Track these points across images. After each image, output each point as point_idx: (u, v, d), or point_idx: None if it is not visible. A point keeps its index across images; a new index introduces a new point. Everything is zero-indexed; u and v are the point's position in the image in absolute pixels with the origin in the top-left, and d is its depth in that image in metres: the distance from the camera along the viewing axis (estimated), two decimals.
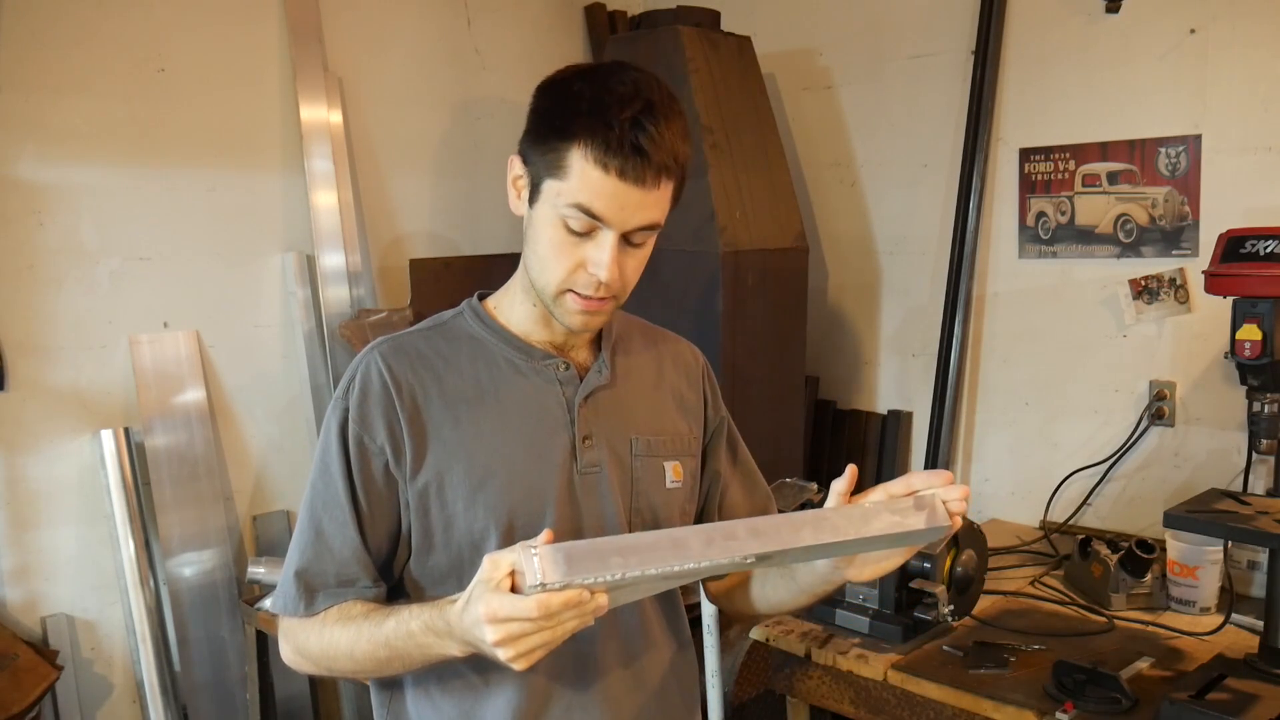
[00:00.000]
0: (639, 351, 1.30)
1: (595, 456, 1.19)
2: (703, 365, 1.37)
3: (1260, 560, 2.08)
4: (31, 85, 2.33)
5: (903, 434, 3.04)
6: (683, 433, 1.28)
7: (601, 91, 1.07)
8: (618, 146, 1.05)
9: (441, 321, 1.25)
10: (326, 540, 1.15)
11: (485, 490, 1.13)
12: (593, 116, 1.06)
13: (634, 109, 1.06)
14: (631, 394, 1.25)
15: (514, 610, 0.92)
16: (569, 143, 1.07)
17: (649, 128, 1.06)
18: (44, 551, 2.40)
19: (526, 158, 1.14)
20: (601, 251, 1.09)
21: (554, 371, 1.20)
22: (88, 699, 2.45)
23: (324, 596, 1.14)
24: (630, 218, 1.09)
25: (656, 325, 1.38)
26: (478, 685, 1.16)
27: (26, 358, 2.36)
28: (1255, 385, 2.06)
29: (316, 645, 1.15)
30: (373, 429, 1.14)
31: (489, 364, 1.19)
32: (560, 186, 1.08)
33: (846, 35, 3.06)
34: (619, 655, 1.20)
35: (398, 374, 1.16)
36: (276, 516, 2.76)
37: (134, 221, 2.50)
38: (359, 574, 1.15)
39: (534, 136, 1.12)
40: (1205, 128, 2.37)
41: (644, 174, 1.06)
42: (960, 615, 1.99)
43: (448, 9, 3.08)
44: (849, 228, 3.13)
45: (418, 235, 3.04)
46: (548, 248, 1.12)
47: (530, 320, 1.21)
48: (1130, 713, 1.64)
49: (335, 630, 1.12)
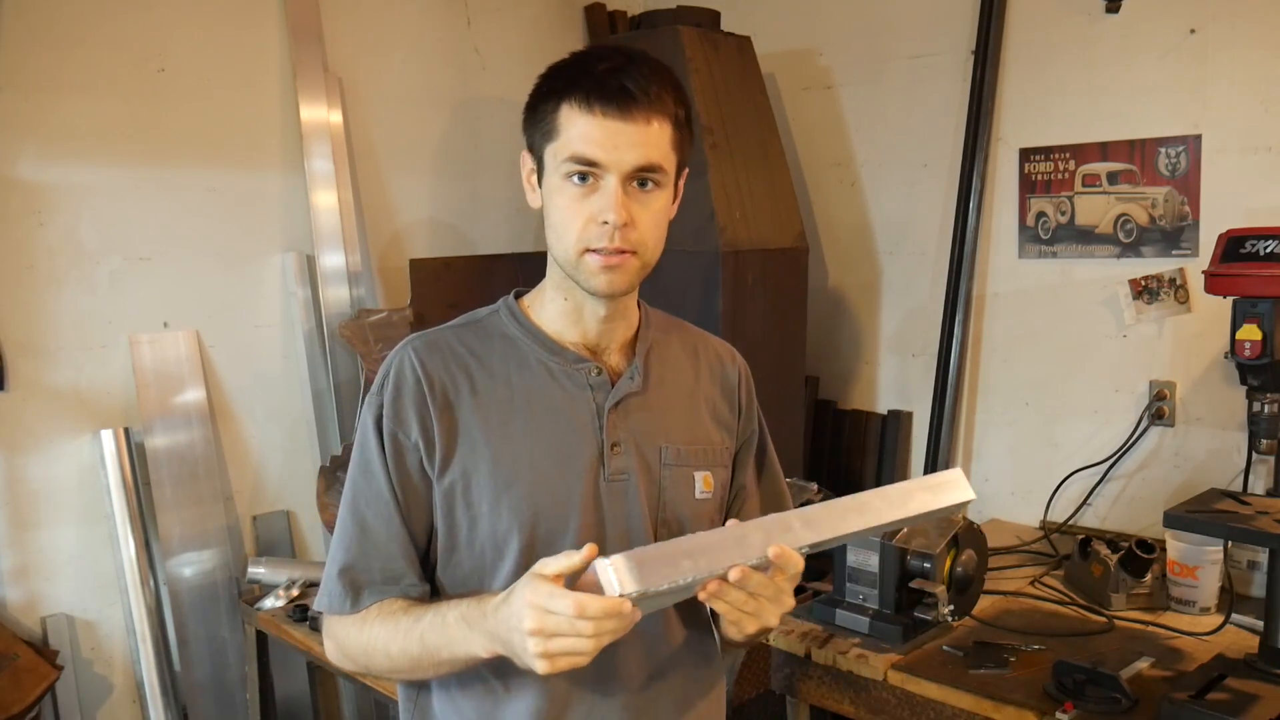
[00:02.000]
0: (676, 356, 1.29)
1: (623, 464, 1.18)
2: (740, 374, 1.34)
3: (1260, 560, 2.08)
4: (31, 85, 2.33)
5: (903, 434, 3.04)
6: (715, 443, 1.27)
7: (582, 56, 1.14)
8: (599, 89, 1.08)
9: (477, 319, 1.25)
10: (371, 536, 1.15)
11: (510, 493, 1.13)
12: (575, 72, 1.11)
13: (614, 62, 1.10)
14: (664, 401, 1.24)
15: (557, 604, 0.92)
16: (555, 101, 1.11)
17: (631, 70, 1.09)
18: (44, 551, 2.40)
19: (530, 143, 1.17)
20: (606, 197, 1.10)
21: (586, 376, 1.19)
22: (88, 699, 2.45)
23: (369, 593, 1.14)
24: (624, 156, 1.09)
25: (697, 327, 1.36)
26: (498, 689, 1.15)
27: (26, 358, 2.36)
28: (1255, 385, 2.05)
29: (356, 643, 1.15)
30: (407, 425, 1.15)
31: (521, 365, 1.19)
32: (556, 147, 1.11)
33: (846, 35, 3.06)
34: (642, 664, 1.19)
35: (430, 370, 1.17)
36: (276, 516, 2.76)
37: (134, 221, 2.50)
38: (405, 570, 1.15)
39: (529, 117, 1.16)
40: (1205, 128, 2.36)
41: (630, 109, 1.08)
42: (960, 615, 1.99)
43: (448, 9, 3.08)
44: (849, 228, 3.13)
45: (418, 235, 3.04)
46: (560, 214, 1.13)
47: (563, 319, 1.21)
48: (1130, 713, 1.63)
49: (375, 627, 1.13)
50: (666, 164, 1.12)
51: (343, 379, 2.79)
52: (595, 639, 0.93)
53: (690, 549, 0.96)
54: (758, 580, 1.01)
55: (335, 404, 2.77)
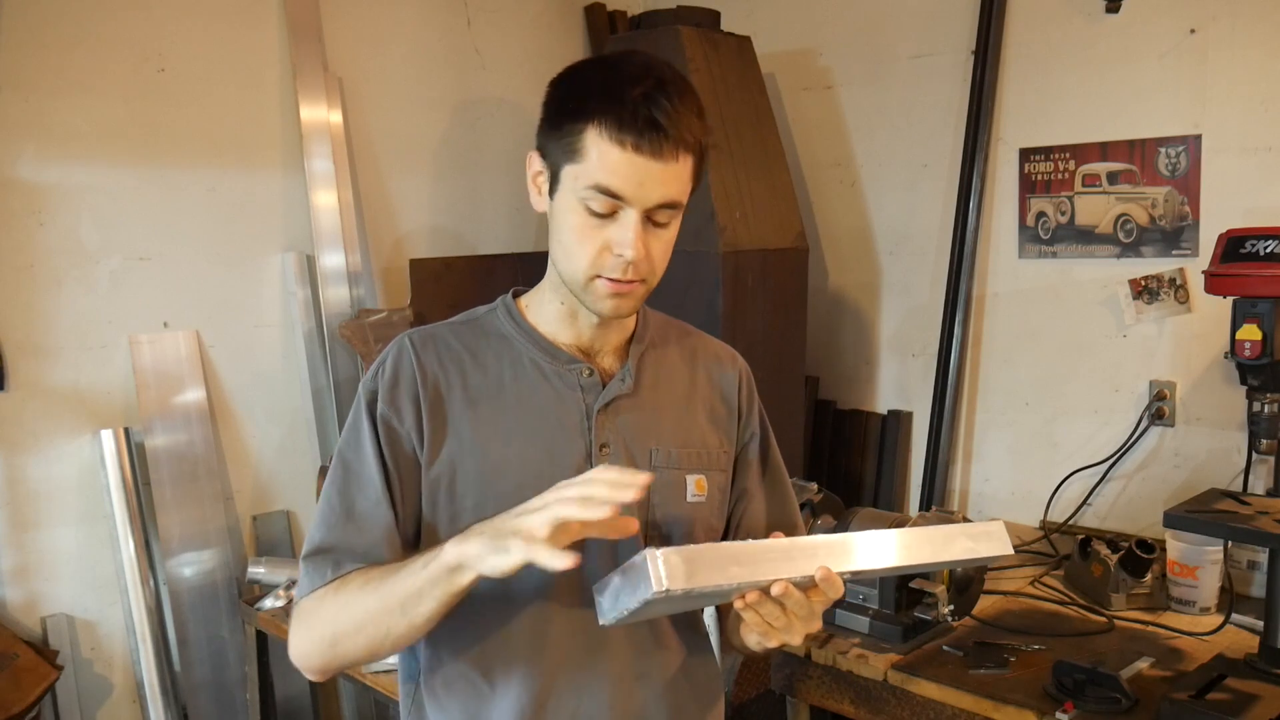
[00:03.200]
0: (673, 358, 1.28)
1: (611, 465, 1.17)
2: (741, 375, 1.33)
3: (1260, 560, 2.08)
4: (31, 85, 2.33)
5: (903, 434, 3.04)
6: (711, 446, 1.26)
7: (612, 72, 1.08)
8: (631, 121, 1.05)
9: (475, 317, 1.25)
10: (358, 520, 1.13)
11: (495, 489, 1.13)
12: (605, 95, 1.06)
13: (645, 85, 1.06)
14: (657, 403, 1.23)
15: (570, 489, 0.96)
16: (583, 124, 1.07)
17: (662, 102, 1.06)
18: (44, 551, 2.40)
19: (544, 150, 1.13)
20: (625, 231, 1.08)
21: (577, 377, 1.19)
22: (88, 699, 2.45)
23: (338, 567, 1.10)
24: (650, 194, 1.08)
25: (696, 329, 1.35)
26: (483, 689, 1.15)
27: (26, 358, 2.36)
28: (1255, 385, 2.05)
29: (328, 615, 1.09)
30: (401, 411, 1.15)
31: (514, 363, 1.19)
32: (578, 170, 1.08)
33: (846, 35, 3.07)
34: (627, 657, 1.18)
35: (425, 363, 1.17)
36: (276, 516, 2.76)
37: (134, 221, 2.50)
38: (387, 556, 1.12)
39: (549, 126, 1.12)
40: (1205, 128, 2.37)
41: (661, 147, 1.06)
42: (960, 615, 1.99)
43: (448, 9, 3.08)
44: (849, 228, 3.13)
45: (418, 235, 3.04)
46: (571, 235, 1.11)
47: (558, 320, 1.21)
48: (1130, 713, 1.63)
49: (351, 593, 1.08)
50: (684, 197, 1.12)
51: (342, 379, 2.79)
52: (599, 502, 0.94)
53: (739, 555, 0.96)
54: (796, 598, 1.01)
55: (335, 404, 2.77)
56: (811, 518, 2.15)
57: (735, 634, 1.20)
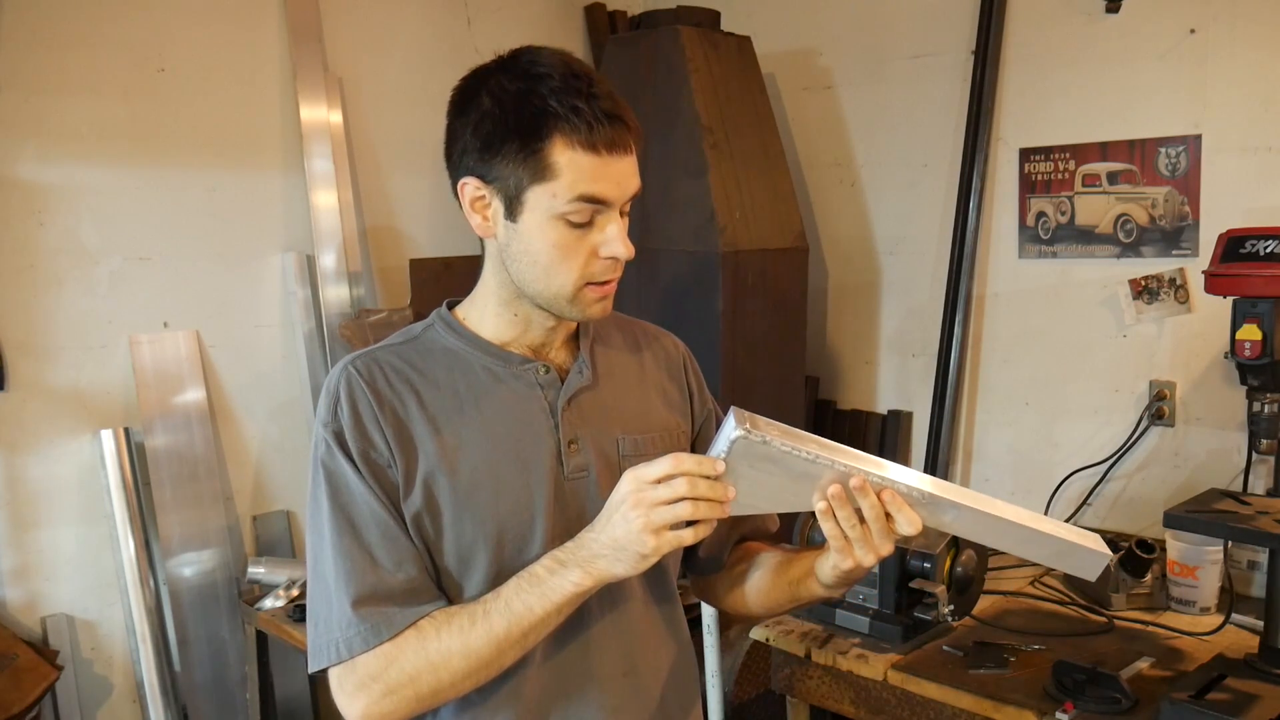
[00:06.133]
0: (619, 347, 1.27)
1: (582, 460, 1.15)
2: (683, 355, 1.34)
3: (1260, 560, 2.08)
4: (31, 85, 2.33)
5: (903, 434, 3.04)
6: (671, 427, 1.25)
7: (539, 81, 1.05)
8: (596, 124, 1.04)
9: (412, 335, 1.20)
10: (381, 561, 1.06)
11: (472, 504, 1.10)
12: (557, 104, 1.03)
13: (583, 83, 1.05)
14: (615, 392, 1.22)
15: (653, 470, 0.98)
16: (545, 140, 1.04)
17: (606, 94, 1.05)
18: (44, 551, 2.40)
19: (485, 175, 1.10)
20: (611, 232, 1.09)
21: (534, 375, 1.16)
22: (88, 699, 2.45)
23: (400, 616, 1.04)
24: (628, 188, 1.09)
25: (631, 317, 1.34)
26: (475, 702, 1.12)
27: (26, 358, 2.36)
28: (1255, 385, 2.05)
29: (418, 660, 1.04)
30: (374, 442, 1.09)
31: (466, 374, 1.15)
32: (553, 187, 1.05)
33: (846, 35, 3.06)
34: (619, 662, 1.17)
35: (378, 388, 1.11)
36: (276, 516, 2.76)
37: (134, 221, 2.50)
38: (426, 584, 1.07)
39: (483, 150, 1.08)
40: (1205, 128, 2.36)
41: (626, 141, 1.07)
42: (960, 615, 1.99)
43: (448, 9, 3.09)
44: (849, 228, 3.13)
45: (418, 235, 3.04)
46: (553, 253, 1.08)
47: (506, 327, 1.17)
48: (1130, 713, 1.64)
49: (442, 631, 1.04)
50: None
51: None
52: (693, 501, 0.97)
53: (821, 442, 1.01)
54: (873, 502, 1.01)
55: None
56: (811, 518, 2.15)
57: (802, 582, 1.18)
